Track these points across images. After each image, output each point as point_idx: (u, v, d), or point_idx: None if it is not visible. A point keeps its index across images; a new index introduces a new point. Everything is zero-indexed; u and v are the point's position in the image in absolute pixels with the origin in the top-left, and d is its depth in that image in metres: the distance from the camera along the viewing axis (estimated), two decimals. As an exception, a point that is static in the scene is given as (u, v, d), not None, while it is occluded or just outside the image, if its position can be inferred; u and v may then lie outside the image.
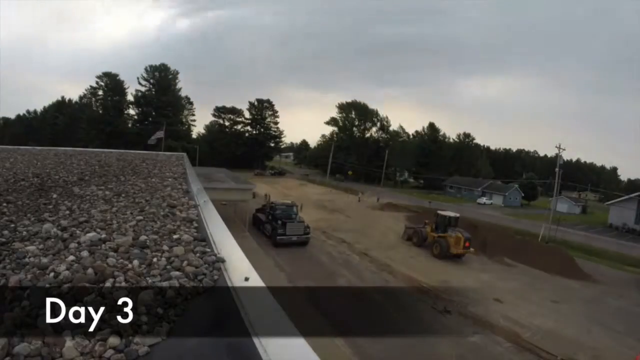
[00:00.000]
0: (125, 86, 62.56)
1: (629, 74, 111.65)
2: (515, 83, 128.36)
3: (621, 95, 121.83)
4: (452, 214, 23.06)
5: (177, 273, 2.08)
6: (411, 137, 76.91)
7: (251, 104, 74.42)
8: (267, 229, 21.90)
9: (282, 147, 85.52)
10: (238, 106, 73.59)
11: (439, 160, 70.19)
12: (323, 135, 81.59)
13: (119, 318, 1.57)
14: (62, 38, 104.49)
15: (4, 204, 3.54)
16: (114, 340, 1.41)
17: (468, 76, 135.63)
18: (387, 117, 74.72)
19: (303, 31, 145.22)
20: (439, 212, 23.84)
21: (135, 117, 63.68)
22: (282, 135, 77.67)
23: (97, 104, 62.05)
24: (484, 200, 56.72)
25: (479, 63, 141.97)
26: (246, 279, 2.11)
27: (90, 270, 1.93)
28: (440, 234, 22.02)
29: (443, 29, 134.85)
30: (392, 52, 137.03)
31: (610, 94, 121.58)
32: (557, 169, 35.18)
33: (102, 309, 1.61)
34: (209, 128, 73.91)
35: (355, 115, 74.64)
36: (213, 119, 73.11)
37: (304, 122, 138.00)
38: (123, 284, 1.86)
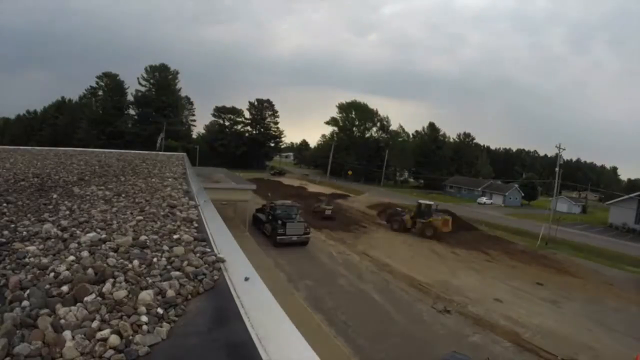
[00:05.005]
0: (125, 86, 62.67)
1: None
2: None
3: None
4: (430, 202, 29.13)
5: (177, 273, 2.08)
6: (411, 137, 76.92)
7: (251, 104, 74.50)
8: (267, 229, 21.88)
9: (282, 147, 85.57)
10: (238, 106, 73.79)
11: (439, 160, 70.16)
12: (323, 135, 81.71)
13: (119, 318, 1.57)
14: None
15: (4, 204, 3.54)
16: (113, 340, 1.41)
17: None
18: (387, 117, 74.84)
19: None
20: (420, 201, 29.45)
21: (135, 117, 63.64)
22: (282, 135, 77.78)
23: (97, 104, 62.03)
24: (484, 200, 56.68)
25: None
26: (246, 279, 2.11)
27: (90, 270, 1.93)
28: (425, 220, 26.53)
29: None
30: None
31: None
32: (557, 169, 35.17)
33: (102, 309, 1.62)
34: (209, 128, 73.93)
35: (355, 115, 74.63)
36: (213, 119, 73.26)
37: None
38: (123, 284, 1.86)
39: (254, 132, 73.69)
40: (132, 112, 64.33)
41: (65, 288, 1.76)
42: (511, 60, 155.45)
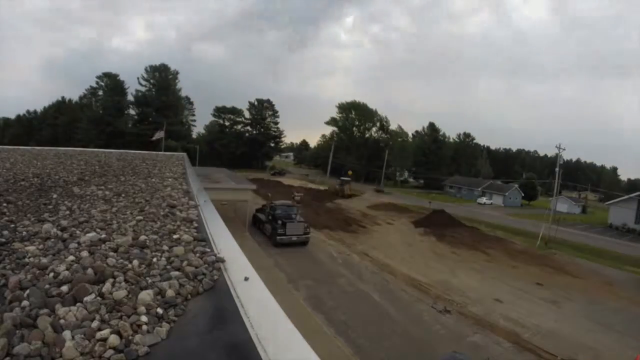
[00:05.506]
0: (126, 86, 62.68)
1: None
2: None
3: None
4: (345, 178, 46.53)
5: (177, 273, 2.08)
6: (411, 137, 76.93)
7: (251, 104, 74.50)
8: (267, 229, 21.89)
9: (282, 147, 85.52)
10: (238, 106, 73.81)
11: (439, 160, 70.17)
12: (323, 135, 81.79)
13: (119, 318, 1.57)
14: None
15: (4, 204, 3.53)
16: (113, 340, 1.41)
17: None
18: (387, 117, 74.87)
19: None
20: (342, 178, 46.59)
21: (135, 117, 63.62)
22: (282, 135, 77.80)
23: (97, 104, 62.03)
24: (484, 200, 56.68)
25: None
26: (246, 279, 2.11)
27: (90, 270, 1.93)
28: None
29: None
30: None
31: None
32: (557, 169, 35.16)
33: (101, 309, 1.62)
34: (209, 128, 73.93)
35: (355, 115, 74.63)
36: (213, 119, 73.26)
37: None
38: (123, 284, 1.86)
39: (254, 132, 73.69)
40: (132, 112, 64.36)
41: (65, 288, 1.76)
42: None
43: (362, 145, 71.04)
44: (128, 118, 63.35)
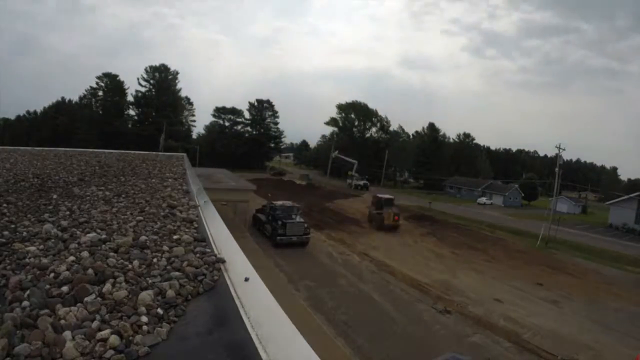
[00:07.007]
0: (125, 87, 62.66)
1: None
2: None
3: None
4: (387, 195, 29.75)
5: (177, 273, 2.08)
6: (411, 137, 76.90)
7: (251, 104, 74.44)
8: (267, 229, 21.89)
9: (282, 147, 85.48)
10: (238, 107, 73.77)
11: (439, 160, 70.11)
12: (323, 136, 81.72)
13: (119, 318, 1.57)
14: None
15: (4, 205, 3.54)
16: (114, 340, 1.41)
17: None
18: (387, 117, 74.85)
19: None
20: (377, 194, 30.19)
21: (136, 117, 63.62)
22: (282, 136, 77.78)
23: (97, 105, 61.99)
24: (484, 200, 56.62)
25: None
26: (246, 279, 2.11)
27: (90, 271, 1.93)
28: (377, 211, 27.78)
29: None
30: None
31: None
32: (557, 169, 35.13)
33: (102, 309, 1.62)
34: (209, 128, 73.87)
35: (355, 115, 74.59)
36: (213, 119, 73.23)
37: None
38: (123, 284, 1.86)
39: (254, 132, 73.65)
40: (132, 112, 64.37)
41: (65, 288, 1.77)
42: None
43: (362, 146, 70.99)
44: (128, 118, 63.32)
